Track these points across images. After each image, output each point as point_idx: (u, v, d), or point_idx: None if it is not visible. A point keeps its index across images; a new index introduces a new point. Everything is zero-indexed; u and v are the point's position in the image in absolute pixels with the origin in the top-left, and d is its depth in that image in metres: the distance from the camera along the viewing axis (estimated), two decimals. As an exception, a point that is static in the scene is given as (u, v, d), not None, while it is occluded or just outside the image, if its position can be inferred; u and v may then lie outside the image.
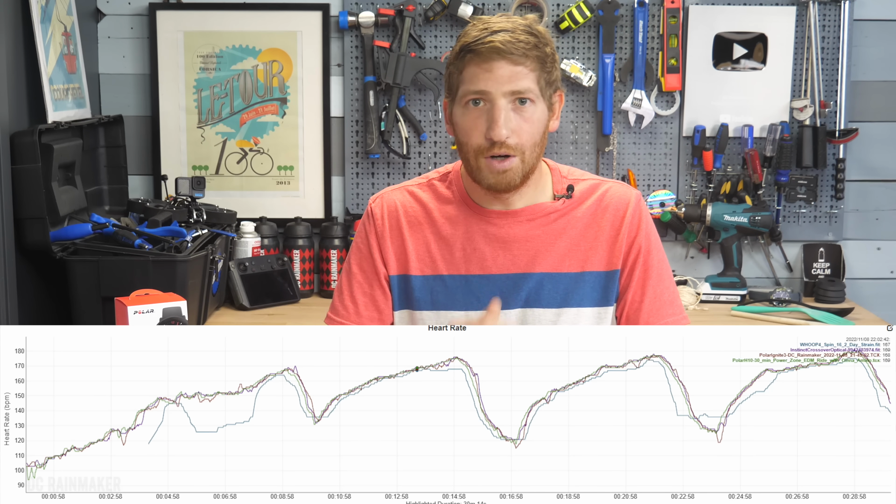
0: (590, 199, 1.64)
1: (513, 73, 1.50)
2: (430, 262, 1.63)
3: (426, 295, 1.63)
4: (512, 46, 1.49)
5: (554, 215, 1.62)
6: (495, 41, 1.49)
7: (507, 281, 1.61)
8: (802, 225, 3.03)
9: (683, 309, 1.68)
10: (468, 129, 1.53)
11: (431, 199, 1.66)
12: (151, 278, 2.31)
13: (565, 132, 2.98)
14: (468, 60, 1.52)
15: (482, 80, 1.50)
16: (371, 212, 1.67)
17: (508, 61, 1.49)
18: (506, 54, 1.49)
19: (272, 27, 2.95)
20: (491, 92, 1.50)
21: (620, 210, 1.63)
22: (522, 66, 1.50)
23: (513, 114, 1.51)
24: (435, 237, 1.63)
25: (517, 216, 1.62)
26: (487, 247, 1.61)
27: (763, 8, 2.93)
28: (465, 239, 1.62)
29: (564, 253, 1.61)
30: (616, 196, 1.64)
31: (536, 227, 1.62)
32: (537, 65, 1.52)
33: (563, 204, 1.63)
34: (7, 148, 2.23)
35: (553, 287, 1.61)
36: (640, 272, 1.62)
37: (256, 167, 3.00)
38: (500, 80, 1.50)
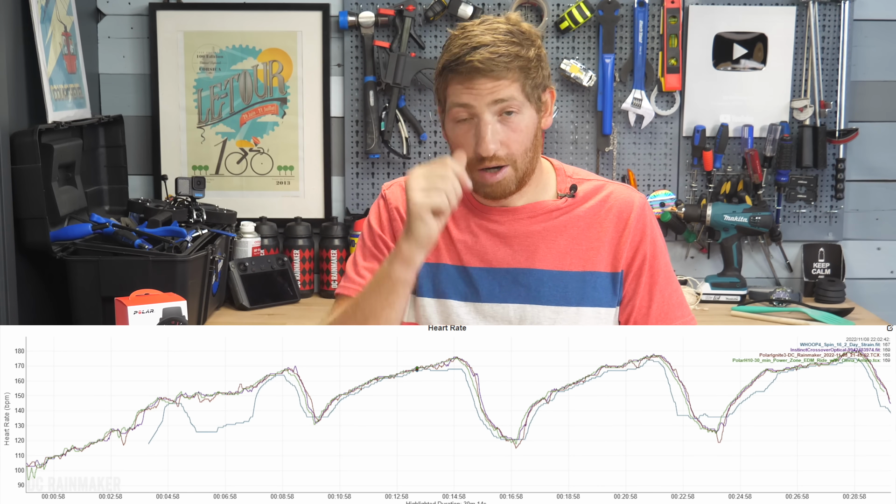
0: (593, 199, 1.65)
1: (495, 86, 1.51)
2: (434, 250, 1.64)
3: (428, 281, 1.64)
4: (491, 63, 1.49)
5: (556, 213, 1.63)
6: (474, 60, 1.49)
7: (506, 275, 1.62)
8: (802, 225, 3.03)
9: (690, 309, 1.68)
10: (458, 144, 1.56)
11: None
12: (151, 278, 2.31)
13: (565, 132, 2.98)
14: (451, 79, 1.53)
15: (465, 97, 1.52)
16: (385, 196, 1.70)
17: (489, 78, 1.50)
18: (486, 72, 1.50)
19: (272, 27, 2.95)
20: (475, 106, 1.51)
21: (625, 212, 1.63)
22: (504, 79, 1.51)
23: (500, 125, 1.52)
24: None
25: (518, 213, 1.63)
26: (489, 241, 1.63)
27: (763, 8, 2.93)
28: (467, 233, 1.64)
29: (565, 251, 1.62)
30: (620, 198, 1.65)
31: (537, 223, 1.63)
32: (520, 74, 1.52)
33: (566, 202, 1.64)
34: (7, 148, 2.23)
35: (554, 285, 1.61)
36: (647, 278, 1.62)
37: (256, 167, 3.00)
38: (482, 95, 1.51)
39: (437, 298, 1.65)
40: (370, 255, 1.68)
